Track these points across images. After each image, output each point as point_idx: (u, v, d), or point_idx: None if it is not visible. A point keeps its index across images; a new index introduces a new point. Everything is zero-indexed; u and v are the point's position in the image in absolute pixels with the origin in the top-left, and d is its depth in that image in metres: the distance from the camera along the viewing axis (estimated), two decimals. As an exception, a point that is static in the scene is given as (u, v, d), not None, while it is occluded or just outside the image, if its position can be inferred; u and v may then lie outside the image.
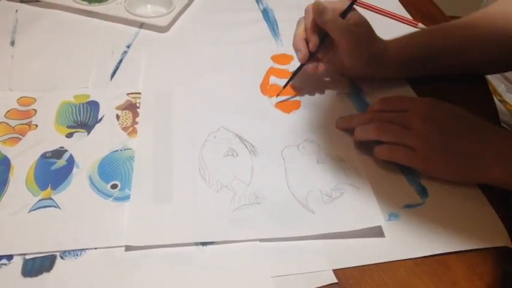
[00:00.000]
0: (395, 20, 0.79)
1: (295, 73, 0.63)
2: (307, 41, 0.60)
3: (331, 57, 0.62)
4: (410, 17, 0.79)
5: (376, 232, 0.47)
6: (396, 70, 0.63)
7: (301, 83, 0.64)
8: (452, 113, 0.54)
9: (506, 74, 1.09)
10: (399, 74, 0.65)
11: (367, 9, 0.80)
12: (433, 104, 0.55)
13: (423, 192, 0.51)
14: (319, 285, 0.43)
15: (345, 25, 0.58)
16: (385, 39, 0.63)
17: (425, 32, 0.68)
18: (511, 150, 0.50)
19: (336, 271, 0.44)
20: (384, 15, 0.80)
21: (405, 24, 0.78)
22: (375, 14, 0.80)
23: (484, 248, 0.47)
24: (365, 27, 0.60)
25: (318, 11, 0.57)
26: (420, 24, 0.77)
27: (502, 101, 1.14)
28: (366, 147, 0.55)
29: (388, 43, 0.63)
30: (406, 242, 0.47)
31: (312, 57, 0.60)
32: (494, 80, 1.14)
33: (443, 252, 0.46)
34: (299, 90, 0.64)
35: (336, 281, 0.44)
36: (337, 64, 0.63)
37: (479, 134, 0.52)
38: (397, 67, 0.63)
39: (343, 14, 0.59)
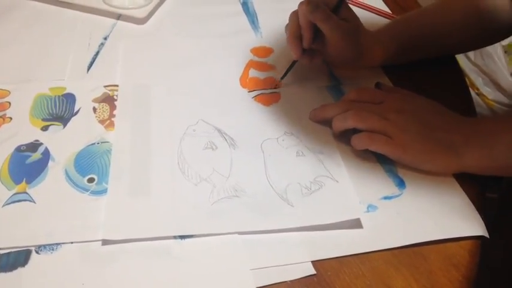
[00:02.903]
0: (375, 13, 0.79)
1: (289, 69, 0.63)
2: (300, 37, 0.60)
3: (322, 49, 0.62)
4: (389, 11, 0.79)
5: (355, 224, 0.48)
6: (378, 61, 0.65)
7: (280, 76, 0.64)
8: (425, 106, 0.55)
9: (484, 68, 1.11)
10: (380, 64, 0.66)
11: (350, 3, 0.80)
12: (407, 97, 0.57)
13: (401, 183, 0.52)
14: (298, 277, 0.44)
15: (337, 22, 0.58)
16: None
17: (401, 21, 0.69)
18: (482, 136, 0.52)
19: (314, 263, 0.45)
20: (363, 8, 0.80)
21: (384, 18, 0.78)
22: (355, 7, 0.80)
23: (460, 239, 0.47)
24: (354, 22, 0.61)
25: (311, 8, 0.57)
26: (396, 17, 0.77)
27: (479, 94, 1.16)
28: (345, 139, 0.55)
29: (371, 35, 0.64)
30: (384, 232, 0.47)
31: (305, 52, 0.61)
32: (472, 74, 1.16)
33: (420, 241, 0.47)
34: (278, 84, 0.63)
35: (315, 272, 0.44)
36: (326, 56, 0.64)
37: (452, 125, 0.53)
38: (380, 59, 0.65)
39: (335, 9, 0.59)
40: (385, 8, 0.81)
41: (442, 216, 0.49)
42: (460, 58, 1.13)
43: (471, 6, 0.67)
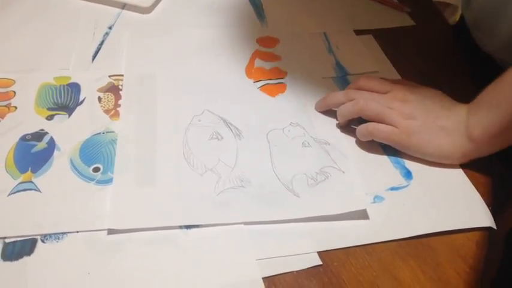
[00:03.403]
0: (382, 3, 0.78)
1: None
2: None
3: None
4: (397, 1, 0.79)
5: (361, 214, 0.47)
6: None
7: (286, 66, 0.64)
8: (430, 96, 0.55)
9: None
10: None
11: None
12: (413, 87, 0.56)
13: (408, 174, 0.51)
14: (304, 267, 0.43)
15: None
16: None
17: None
18: (484, 103, 0.51)
19: (320, 253, 0.44)
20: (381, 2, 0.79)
21: (392, 9, 0.77)
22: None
23: (467, 231, 0.47)
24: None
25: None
26: (406, 8, 0.76)
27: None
28: (350, 130, 0.55)
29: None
30: (390, 223, 0.47)
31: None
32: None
33: (427, 232, 0.46)
34: (284, 74, 0.63)
35: (321, 263, 0.44)
36: None
37: (459, 115, 0.52)
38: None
39: None
40: None
41: (449, 208, 0.49)
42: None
43: None
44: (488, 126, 0.49)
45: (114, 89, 0.59)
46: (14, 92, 0.57)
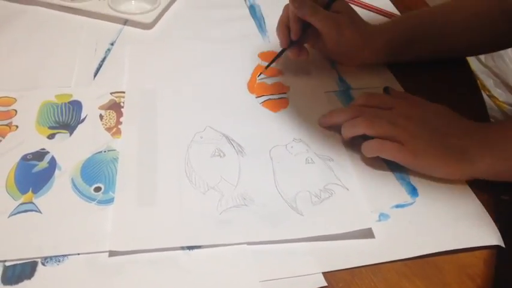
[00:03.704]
0: (383, 15, 0.78)
1: (277, 56, 0.64)
2: (289, 28, 0.61)
3: (319, 45, 0.64)
4: (398, 12, 0.78)
5: (366, 233, 0.47)
6: (382, 54, 0.64)
7: (289, 81, 0.64)
8: (435, 111, 0.54)
9: (495, 69, 1.10)
10: (385, 59, 0.66)
11: (352, 3, 0.79)
12: (417, 103, 0.56)
13: (413, 191, 0.51)
14: (309, 289, 0.43)
15: (325, 13, 0.60)
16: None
17: (411, 16, 0.69)
18: (493, 140, 0.51)
19: (325, 274, 0.43)
20: (371, 10, 0.79)
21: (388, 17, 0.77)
22: (363, 10, 0.79)
23: (475, 249, 0.46)
24: (347, 12, 0.62)
25: (297, 4, 0.58)
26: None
27: (490, 96, 1.15)
28: (354, 146, 0.54)
29: (374, 27, 0.64)
30: (396, 242, 0.46)
31: (294, 44, 0.62)
32: (482, 75, 1.14)
33: (434, 252, 0.45)
34: (286, 89, 0.63)
35: (326, 284, 0.43)
36: (324, 51, 0.65)
37: (463, 130, 0.53)
38: (383, 51, 0.64)
39: (327, 5, 0.60)
40: (394, 10, 0.79)
41: (456, 225, 0.48)
42: (471, 60, 1.12)
43: (485, 6, 0.65)
44: (493, 171, 0.50)
45: (115, 106, 0.58)
46: (16, 111, 0.57)
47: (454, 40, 0.66)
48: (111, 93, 0.60)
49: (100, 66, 0.64)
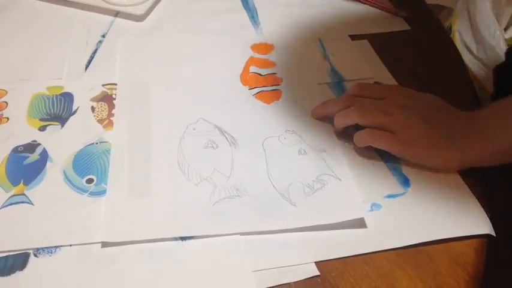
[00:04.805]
0: (377, 8, 0.78)
1: None
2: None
3: None
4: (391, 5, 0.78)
5: (358, 223, 0.47)
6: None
7: (281, 73, 0.63)
8: (427, 101, 0.55)
9: (487, 61, 1.10)
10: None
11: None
12: (409, 93, 0.56)
13: (405, 182, 0.51)
14: (302, 278, 0.43)
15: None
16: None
17: None
18: (484, 125, 0.51)
19: (318, 264, 0.44)
20: (365, 3, 0.78)
21: (387, 13, 0.77)
22: (356, 3, 0.79)
23: (466, 238, 0.46)
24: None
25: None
26: (402, 12, 0.76)
27: (482, 88, 1.15)
28: (347, 137, 0.55)
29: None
30: (388, 232, 0.46)
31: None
32: (475, 67, 1.15)
33: (425, 241, 0.46)
34: (280, 80, 0.62)
35: (319, 273, 0.43)
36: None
37: (453, 119, 0.53)
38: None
39: None
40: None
41: (447, 215, 0.48)
42: (463, 52, 1.12)
43: None
44: (484, 156, 0.50)
45: (107, 98, 0.58)
46: (6, 103, 0.56)
47: None
48: (102, 85, 0.60)
49: (91, 58, 0.64)
